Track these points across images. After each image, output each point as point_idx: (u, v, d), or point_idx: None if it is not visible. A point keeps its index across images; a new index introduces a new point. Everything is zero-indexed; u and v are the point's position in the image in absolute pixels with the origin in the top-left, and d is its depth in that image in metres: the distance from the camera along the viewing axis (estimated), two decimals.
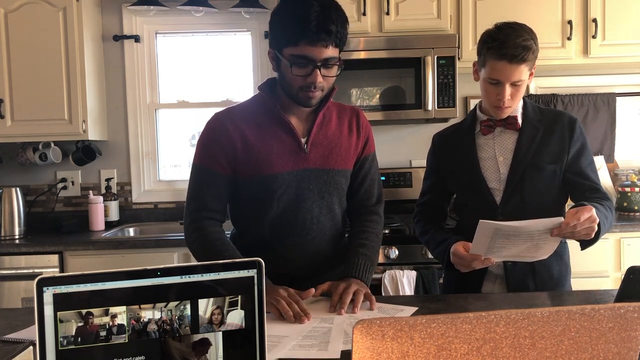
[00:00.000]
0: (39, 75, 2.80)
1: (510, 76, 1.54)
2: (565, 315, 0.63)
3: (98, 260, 2.59)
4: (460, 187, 1.73)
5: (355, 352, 0.60)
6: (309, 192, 1.51)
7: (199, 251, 1.49)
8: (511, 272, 1.63)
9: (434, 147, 1.81)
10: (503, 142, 1.66)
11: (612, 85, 3.16)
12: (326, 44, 1.37)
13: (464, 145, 1.70)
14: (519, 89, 1.57)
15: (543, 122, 1.64)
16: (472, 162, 1.67)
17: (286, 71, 1.41)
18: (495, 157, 1.65)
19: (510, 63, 1.52)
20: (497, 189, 1.64)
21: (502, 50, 1.52)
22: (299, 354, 1.09)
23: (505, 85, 1.55)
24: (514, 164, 1.62)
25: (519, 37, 1.52)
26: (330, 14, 1.37)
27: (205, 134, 1.52)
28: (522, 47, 1.51)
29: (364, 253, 1.53)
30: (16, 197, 2.85)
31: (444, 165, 1.76)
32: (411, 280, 2.39)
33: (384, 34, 2.80)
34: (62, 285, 0.77)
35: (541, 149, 1.61)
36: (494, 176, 1.64)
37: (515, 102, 1.59)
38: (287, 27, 1.38)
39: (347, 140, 1.57)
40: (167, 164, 3.32)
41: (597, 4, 2.80)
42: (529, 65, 1.55)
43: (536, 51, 1.55)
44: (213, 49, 3.29)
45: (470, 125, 1.72)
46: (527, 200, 1.61)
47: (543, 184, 1.62)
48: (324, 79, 1.41)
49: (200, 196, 1.51)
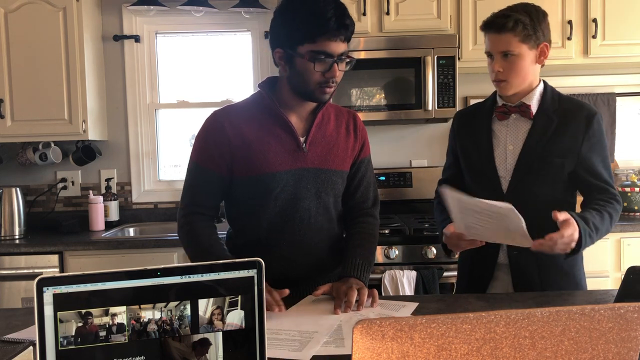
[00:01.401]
0: (39, 75, 2.80)
1: (497, 45, 1.57)
2: (565, 315, 0.63)
3: (98, 260, 2.59)
4: (471, 170, 1.72)
5: (355, 352, 0.60)
6: (307, 192, 1.52)
7: (187, 245, 1.53)
8: (515, 263, 1.62)
9: (453, 126, 1.81)
10: (516, 131, 1.65)
11: (612, 85, 3.16)
12: (343, 39, 1.42)
13: (480, 128, 1.70)
14: (514, 62, 1.57)
15: (559, 113, 1.61)
16: (486, 147, 1.66)
17: (303, 68, 1.42)
18: (506, 145, 1.65)
19: (497, 33, 1.56)
20: (504, 177, 1.63)
21: (488, 21, 1.59)
22: (321, 351, 1.10)
23: (496, 57, 1.58)
24: (522, 155, 1.61)
25: (508, 9, 1.57)
26: (344, 10, 1.42)
27: (202, 131, 1.53)
28: (506, 16, 1.55)
29: (361, 254, 1.54)
30: (16, 197, 2.85)
31: (460, 144, 1.76)
32: (411, 280, 2.39)
33: (384, 34, 2.80)
34: (62, 286, 0.77)
35: (552, 141, 1.59)
36: (503, 165, 1.64)
37: (511, 76, 1.59)
38: (304, 24, 1.39)
39: (345, 142, 1.58)
40: (167, 164, 3.32)
41: (597, 4, 2.80)
42: (520, 37, 1.55)
43: (529, 27, 1.55)
44: (213, 49, 3.29)
45: (490, 109, 1.71)
46: (535, 192, 1.60)
47: (550, 177, 1.60)
48: (339, 73, 1.45)
49: (194, 192, 1.53)
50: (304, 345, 1.12)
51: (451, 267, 2.43)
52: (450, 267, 2.43)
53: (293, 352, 1.09)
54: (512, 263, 1.63)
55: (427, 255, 2.47)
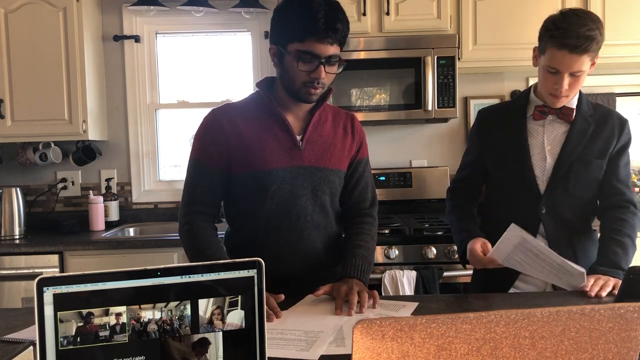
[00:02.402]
0: (39, 75, 2.80)
1: (570, 66, 1.49)
2: (565, 315, 0.63)
3: (98, 260, 2.59)
4: (503, 170, 1.69)
5: (355, 352, 0.60)
6: (303, 190, 1.52)
7: (185, 246, 1.54)
8: None
9: (478, 124, 1.76)
10: (553, 131, 1.64)
11: (612, 85, 3.16)
12: (332, 42, 1.41)
13: (514, 126, 1.67)
14: (579, 79, 1.53)
15: (595, 118, 1.63)
16: (522, 146, 1.64)
17: (290, 66, 1.44)
18: (544, 145, 1.64)
19: (571, 53, 1.47)
20: (540, 178, 1.62)
21: (564, 40, 1.46)
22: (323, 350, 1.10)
23: (564, 75, 1.51)
24: (562, 156, 1.61)
25: (584, 26, 1.46)
26: (337, 13, 1.42)
27: (201, 129, 1.55)
28: (585, 37, 1.46)
29: (361, 254, 1.54)
30: (16, 197, 2.85)
31: (488, 143, 1.72)
32: (411, 280, 2.39)
33: (384, 34, 2.80)
34: (62, 285, 0.77)
35: (590, 143, 1.61)
36: (540, 165, 1.63)
37: (572, 92, 1.56)
38: (294, 23, 1.41)
39: (342, 142, 1.58)
40: (167, 164, 3.32)
41: (597, 4, 2.79)
42: (591, 56, 1.50)
43: (600, 41, 1.50)
44: (213, 49, 3.29)
45: (523, 107, 1.68)
46: (571, 192, 1.61)
47: (588, 177, 1.62)
48: (326, 75, 1.44)
49: (194, 190, 1.54)
50: (311, 345, 1.12)
51: (451, 267, 2.43)
52: (450, 267, 2.43)
53: (301, 351, 1.09)
54: None
55: (427, 255, 2.47)
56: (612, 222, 1.60)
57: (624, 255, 1.52)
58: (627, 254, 1.53)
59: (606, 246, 1.56)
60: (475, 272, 1.79)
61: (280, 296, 1.39)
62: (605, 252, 1.54)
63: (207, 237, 1.51)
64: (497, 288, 1.65)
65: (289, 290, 1.43)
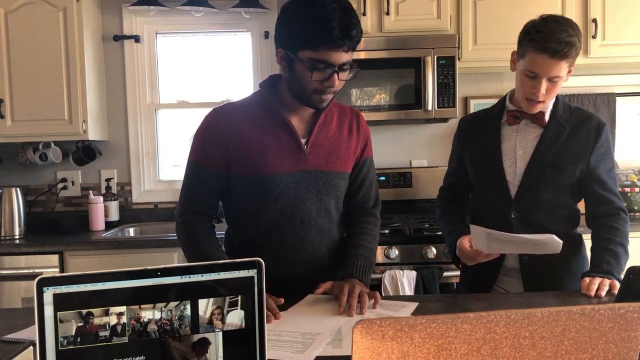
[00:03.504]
0: (39, 75, 2.80)
1: (549, 71, 1.50)
2: (565, 315, 0.63)
3: (98, 260, 2.59)
4: (478, 175, 1.71)
5: (355, 352, 0.60)
6: (307, 194, 1.50)
7: (182, 245, 1.52)
8: (527, 266, 1.62)
9: (459, 131, 1.79)
10: (525, 136, 1.64)
11: (612, 85, 3.16)
12: (347, 49, 1.35)
13: (488, 133, 1.68)
14: (556, 85, 1.53)
15: (570, 122, 1.62)
16: (494, 152, 1.65)
17: (302, 74, 1.38)
18: (515, 150, 1.64)
19: (551, 58, 1.48)
20: (512, 182, 1.63)
21: (544, 44, 1.47)
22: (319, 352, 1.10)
23: (542, 80, 1.51)
24: (532, 161, 1.61)
25: (564, 32, 1.47)
26: (352, 18, 1.35)
27: (201, 129, 1.52)
28: (565, 42, 1.47)
29: (362, 254, 1.53)
30: (16, 197, 2.85)
31: (467, 150, 1.74)
32: (411, 280, 2.39)
33: (384, 34, 2.80)
34: (62, 286, 0.77)
35: (563, 149, 1.60)
36: (511, 170, 1.64)
37: (549, 97, 1.56)
38: (306, 30, 1.33)
39: (347, 143, 1.55)
40: (167, 164, 3.32)
41: (597, 4, 2.79)
42: (570, 62, 1.51)
43: (579, 48, 1.51)
44: (213, 49, 3.29)
45: (498, 114, 1.69)
46: (542, 197, 1.61)
47: (559, 183, 1.61)
48: (339, 82, 1.40)
49: (192, 191, 1.52)
50: (307, 347, 1.11)
51: (451, 267, 2.43)
52: (450, 267, 2.43)
53: (295, 353, 1.08)
54: (524, 267, 1.63)
55: (427, 255, 2.47)
56: (604, 231, 1.59)
57: (616, 265, 1.51)
58: (619, 263, 1.52)
59: (599, 256, 1.55)
60: (462, 270, 1.82)
61: (280, 299, 1.38)
62: (599, 262, 1.53)
63: (205, 236, 1.49)
64: (484, 283, 1.68)
65: (288, 292, 1.42)
